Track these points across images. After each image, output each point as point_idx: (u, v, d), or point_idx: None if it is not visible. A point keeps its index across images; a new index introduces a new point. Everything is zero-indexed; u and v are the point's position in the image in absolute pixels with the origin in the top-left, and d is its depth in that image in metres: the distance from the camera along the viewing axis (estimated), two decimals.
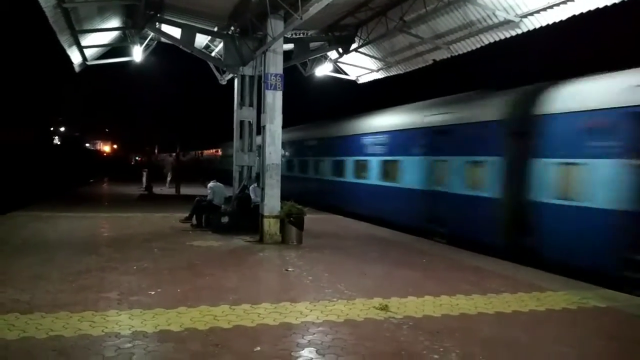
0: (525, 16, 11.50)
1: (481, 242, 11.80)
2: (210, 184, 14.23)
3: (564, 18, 10.84)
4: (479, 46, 13.66)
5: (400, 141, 15.75)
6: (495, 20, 12.16)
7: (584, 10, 10.42)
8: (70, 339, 5.23)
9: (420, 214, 14.20)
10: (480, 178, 12.20)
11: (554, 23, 11.13)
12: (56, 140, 46.16)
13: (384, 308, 6.67)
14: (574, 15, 10.62)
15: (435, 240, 13.22)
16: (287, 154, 24.36)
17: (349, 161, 18.98)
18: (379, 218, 16.14)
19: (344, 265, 9.66)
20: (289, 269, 9.07)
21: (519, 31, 12.03)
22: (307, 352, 5.13)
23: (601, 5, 10.11)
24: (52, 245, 10.40)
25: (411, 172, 14.91)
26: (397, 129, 16.11)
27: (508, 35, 12.45)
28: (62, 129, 58.92)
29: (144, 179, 26.46)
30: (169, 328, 5.65)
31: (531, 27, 11.66)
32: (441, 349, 5.31)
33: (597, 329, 6.35)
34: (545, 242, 10.24)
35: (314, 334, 5.68)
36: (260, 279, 8.76)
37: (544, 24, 11.33)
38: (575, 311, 6.99)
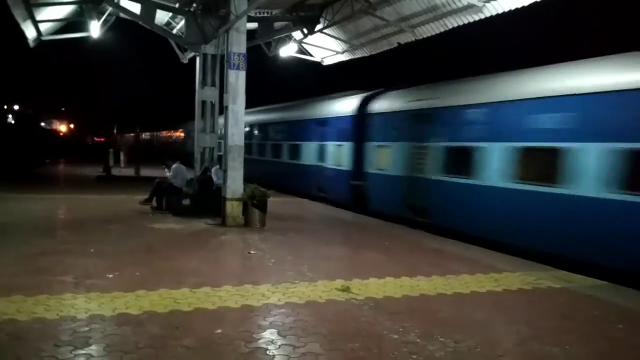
0: (488, 1, 11.62)
1: (341, 201, 16.35)
2: (173, 165, 13.96)
3: (526, 4, 11.00)
4: (443, 30, 13.78)
5: (300, 129, 20.14)
6: (459, 4, 12.26)
7: None
8: (25, 322, 5.09)
9: (311, 184, 18.53)
10: (341, 156, 16.75)
11: (517, 9, 11.29)
12: (10, 119, 44.56)
13: (346, 289, 6.72)
14: (536, 2, 10.78)
15: (321, 202, 17.02)
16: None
17: (268, 145, 23.50)
18: (288, 187, 19.43)
19: (307, 247, 9.69)
20: (252, 252, 9.03)
21: (482, 16, 12.17)
22: (268, 334, 5.13)
23: None
24: (5, 228, 10.05)
25: (305, 153, 19.45)
26: (298, 119, 20.57)
27: (472, 20, 12.59)
28: (16, 107, 56.88)
29: (111, 159, 25.94)
30: (128, 311, 5.55)
31: (494, 12, 11.82)
32: (401, 329, 5.39)
33: (551, 308, 6.55)
34: (372, 197, 15.27)
35: (276, 315, 5.68)
36: (222, 261, 8.70)
37: (506, 9, 11.50)
38: (531, 291, 7.20)
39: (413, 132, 13.22)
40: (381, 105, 15.27)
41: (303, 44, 19.03)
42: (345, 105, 17.07)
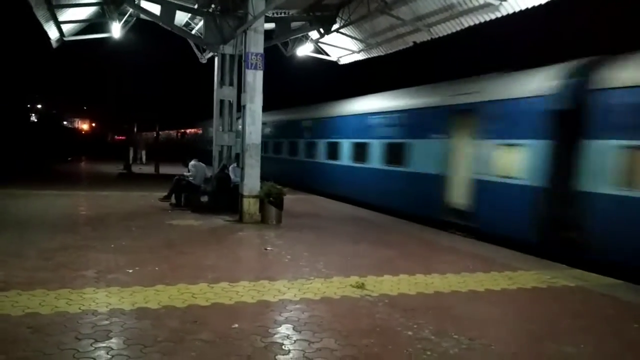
0: None
1: None
2: (192, 163, 14.16)
3: (542, 2, 10.92)
4: (458, 29, 13.73)
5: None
6: (475, 3, 12.21)
7: None
8: (47, 316, 5.22)
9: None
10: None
11: (534, 7, 11.21)
12: (33, 118, 45.33)
13: (361, 286, 6.78)
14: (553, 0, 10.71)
15: None
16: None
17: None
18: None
19: (322, 244, 9.76)
20: (268, 248, 9.14)
21: (499, 14, 12.09)
22: (284, 329, 5.21)
23: None
24: (28, 223, 10.28)
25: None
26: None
27: (488, 19, 12.52)
28: (39, 106, 57.79)
29: (131, 156, 27.55)
30: (147, 306, 5.67)
31: (510, 11, 11.74)
32: (415, 326, 5.43)
33: (565, 307, 6.54)
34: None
35: (291, 311, 5.76)
36: (239, 257, 8.82)
37: (523, 8, 11.41)
38: (545, 290, 7.19)
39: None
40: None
41: (319, 44, 19.10)
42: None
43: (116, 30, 16.74)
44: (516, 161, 10.52)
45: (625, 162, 8.44)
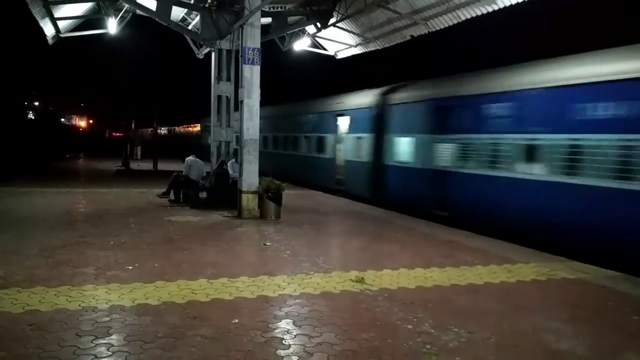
0: None
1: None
2: (187, 158, 14.16)
3: None
4: (456, 22, 13.69)
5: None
6: None
7: None
8: (47, 313, 5.22)
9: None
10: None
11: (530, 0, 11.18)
12: (30, 115, 45.17)
13: (360, 280, 6.78)
14: None
15: None
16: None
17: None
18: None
19: (322, 239, 9.78)
20: (267, 244, 9.14)
21: (496, 7, 12.06)
22: (284, 324, 5.22)
23: None
24: (27, 221, 10.29)
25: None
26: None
27: (485, 12, 12.48)
28: (36, 103, 57.63)
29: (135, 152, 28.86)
30: (147, 302, 5.67)
31: (508, 4, 11.70)
32: (415, 320, 5.44)
33: (565, 299, 6.56)
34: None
35: (291, 306, 5.76)
36: (239, 253, 8.81)
37: (520, 0, 11.38)
38: (545, 282, 7.20)
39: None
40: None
41: (316, 38, 19.04)
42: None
43: (112, 26, 16.68)
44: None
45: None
